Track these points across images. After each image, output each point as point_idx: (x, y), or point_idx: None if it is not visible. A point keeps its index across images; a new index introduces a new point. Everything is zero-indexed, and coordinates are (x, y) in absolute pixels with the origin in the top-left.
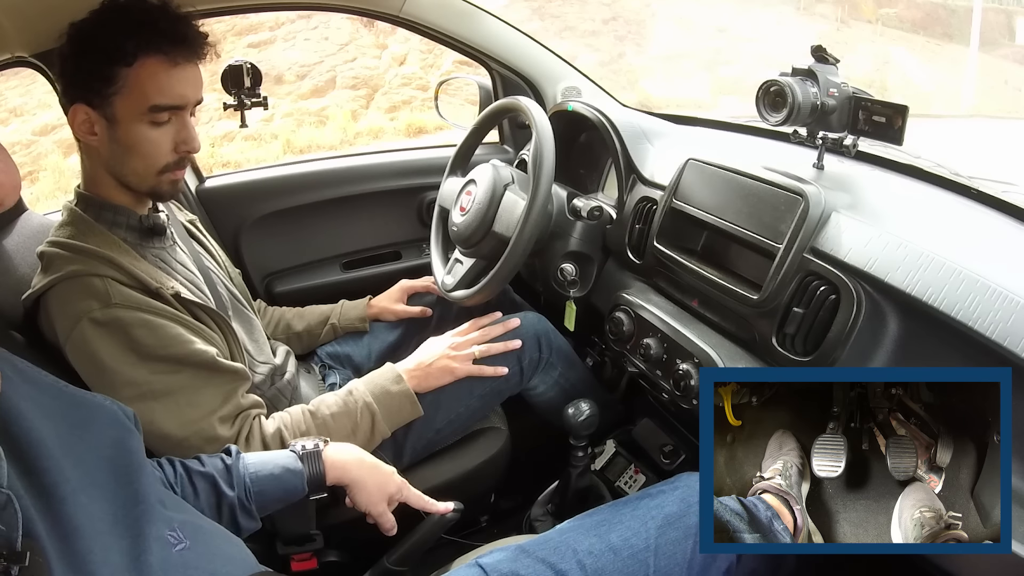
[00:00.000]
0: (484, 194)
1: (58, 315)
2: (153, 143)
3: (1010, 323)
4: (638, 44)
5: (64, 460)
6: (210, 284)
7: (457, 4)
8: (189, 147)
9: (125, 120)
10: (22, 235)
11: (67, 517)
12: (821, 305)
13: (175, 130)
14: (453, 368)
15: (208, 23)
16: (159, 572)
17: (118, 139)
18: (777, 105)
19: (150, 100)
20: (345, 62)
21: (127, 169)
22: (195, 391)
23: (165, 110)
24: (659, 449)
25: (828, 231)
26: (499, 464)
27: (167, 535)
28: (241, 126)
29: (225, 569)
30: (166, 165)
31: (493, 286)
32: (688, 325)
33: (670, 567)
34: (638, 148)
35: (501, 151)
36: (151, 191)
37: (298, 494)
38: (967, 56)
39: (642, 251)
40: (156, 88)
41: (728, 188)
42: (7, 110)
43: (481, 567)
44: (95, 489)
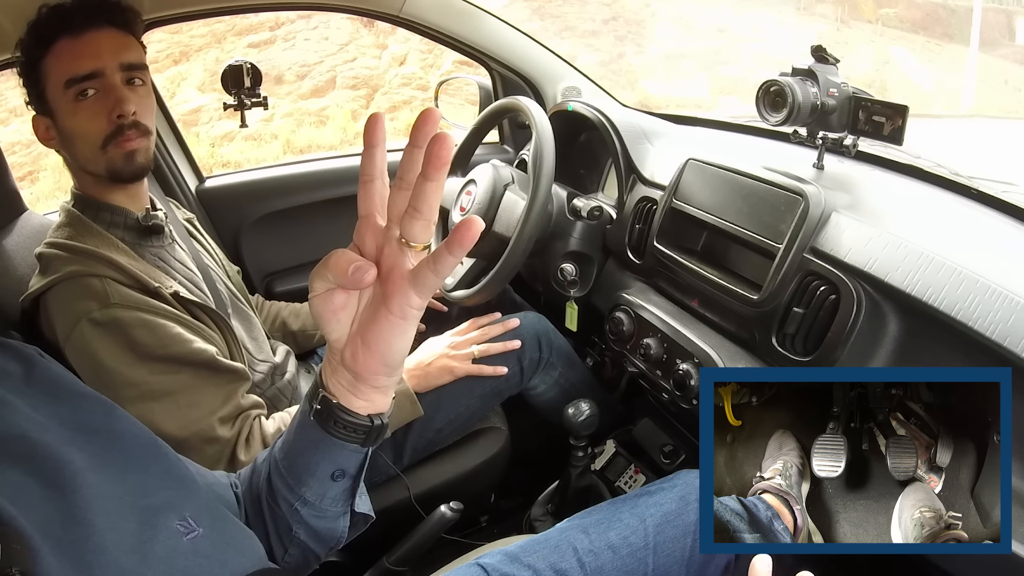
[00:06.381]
0: (484, 194)
1: (57, 316)
2: (85, 119)
3: (1010, 323)
4: (638, 44)
5: (69, 443)
6: (209, 283)
7: (457, 4)
8: (121, 111)
9: (58, 108)
10: (22, 235)
11: (69, 503)
12: (821, 305)
13: (103, 99)
14: (452, 368)
15: (208, 23)
16: (165, 560)
17: (62, 131)
18: (777, 105)
19: (64, 76)
20: (345, 62)
21: (80, 157)
22: (195, 391)
23: (82, 80)
24: (659, 449)
25: (828, 231)
26: (499, 464)
27: (176, 525)
28: (241, 126)
29: (237, 560)
30: (105, 137)
31: (493, 286)
32: (688, 325)
33: (669, 565)
34: (638, 148)
35: (501, 151)
36: (108, 171)
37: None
38: (967, 56)
39: (642, 251)
40: (67, 63)
41: (728, 188)
42: (7, 110)
43: (481, 567)
44: (103, 470)
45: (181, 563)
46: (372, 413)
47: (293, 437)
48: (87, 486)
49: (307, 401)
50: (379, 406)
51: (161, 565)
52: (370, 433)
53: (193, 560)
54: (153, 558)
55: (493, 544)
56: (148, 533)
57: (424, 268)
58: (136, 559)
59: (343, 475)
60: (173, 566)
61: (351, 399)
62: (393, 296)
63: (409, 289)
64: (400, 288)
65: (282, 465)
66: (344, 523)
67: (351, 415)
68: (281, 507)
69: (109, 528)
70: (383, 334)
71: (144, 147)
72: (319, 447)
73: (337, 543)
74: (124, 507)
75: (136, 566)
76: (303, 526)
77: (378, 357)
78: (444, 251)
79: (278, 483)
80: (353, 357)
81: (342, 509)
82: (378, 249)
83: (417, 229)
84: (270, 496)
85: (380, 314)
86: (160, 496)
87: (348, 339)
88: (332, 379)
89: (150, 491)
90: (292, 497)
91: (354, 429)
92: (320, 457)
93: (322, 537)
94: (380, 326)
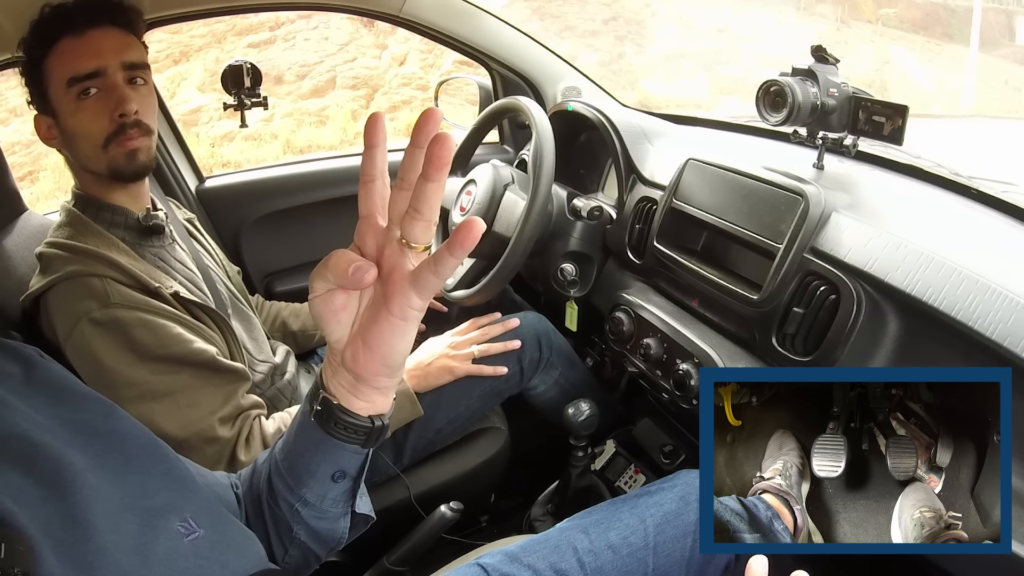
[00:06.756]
0: (484, 194)
1: (57, 316)
2: (87, 118)
3: (1010, 323)
4: (638, 44)
5: (69, 445)
6: (209, 283)
7: (457, 4)
8: (123, 110)
9: (60, 108)
10: (22, 235)
11: (70, 504)
12: (821, 305)
13: (105, 98)
14: (452, 367)
15: (208, 23)
16: (165, 562)
17: (64, 130)
18: (777, 105)
19: (66, 75)
20: (345, 62)
21: (81, 156)
22: (195, 391)
23: (84, 79)
24: (659, 449)
25: (828, 231)
26: (499, 464)
27: (177, 526)
28: (241, 126)
29: (238, 561)
30: (107, 136)
31: (493, 286)
32: (688, 325)
33: (669, 565)
34: (638, 148)
35: (501, 151)
36: (110, 170)
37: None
38: (967, 56)
39: (642, 251)
40: (69, 62)
41: (728, 188)
42: (7, 110)
43: (481, 567)
44: (104, 471)
45: (182, 564)
46: (373, 414)
47: (293, 438)
48: (88, 487)
49: (307, 402)
50: (380, 407)
51: (161, 566)
52: (371, 434)
53: (194, 561)
54: (154, 559)
55: (493, 544)
56: (149, 534)
57: (425, 269)
58: (137, 560)
59: (344, 476)
60: (174, 567)
61: (352, 400)
62: (394, 297)
63: (410, 290)
64: (401, 289)
65: (282, 466)
66: (345, 524)
67: (352, 416)
68: (282, 508)
69: (110, 529)
70: (384, 335)
71: (146, 146)
72: (320, 448)
73: (338, 544)
74: (125, 508)
75: (137, 567)
76: (303, 527)
77: (379, 358)
78: (445, 252)
79: (278, 484)
80: (354, 358)
81: (343, 510)
82: (379, 250)
83: (418, 230)
84: (270, 497)
85: (381, 315)
86: (161, 497)
87: (349, 340)
88: (332, 380)
89: (151, 492)
90: (293, 498)
91: (355, 430)
92: (321, 458)
93: (323, 538)
94: (381, 327)
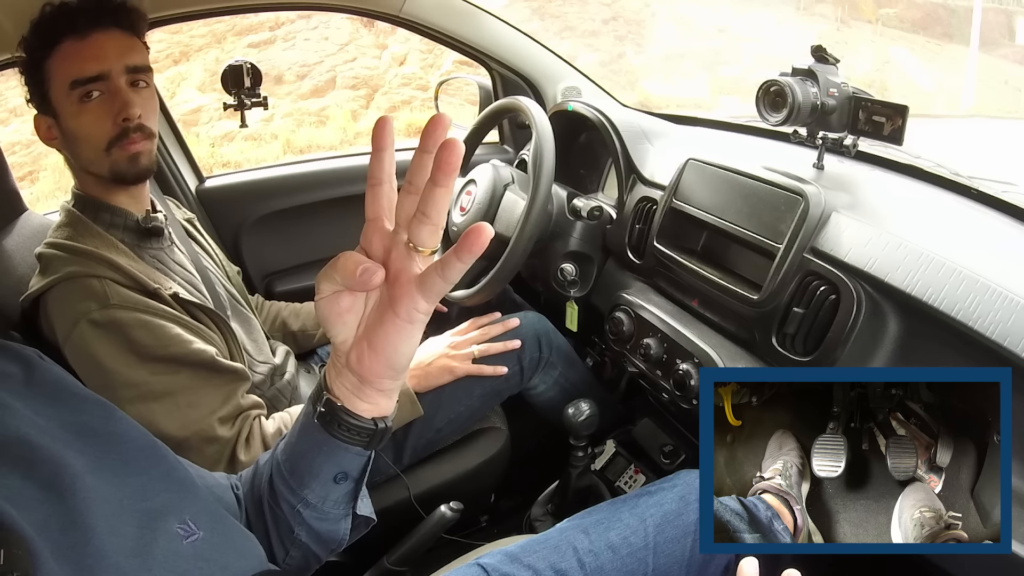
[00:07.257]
0: (484, 194)
1: (57, 316)
2: (89, 121)
3: (1010, 323)
4: (638, 44)
5: (69, 447)
6: (208, 284)
7: (457, 4)
8: (127, 114)
9: (62, 110)
10: (22, 235)
11: (69, 506)
12: (821, 305)
13: (108, 101)
14: (452, 367)
15: (208, 23)
16: (165, 564)
17: (65, 132)
18: (777, 105)
19: (69, 77)
20: (345, 62)
21: (83, 158)
22: (195, 391)
23: (87, 83)
24: (659, 449)
25: (828, 231)
26: (499, 464)
27: (177, 528)
28: (241, 126)
29: (238, 563)
30: (110, 140)
31: (493, 286)
32: (688, 325)
33: (669, 565)
34: (638, 148)
35: (501, 151)
36: (112, 173)
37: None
38: (967, 56)
39: (642, 251)
40: (72, 64)
41: (728, 188)
42: (7, 110)
43: (481, 567)
44: (103, 473)
45: (182, 566)
46: (376, 416)
47: (296, 439)
48: (87, 489)
49: (310, 403)
50: (383, 409)
51: (161, 568)
52: (374, 436)
53: (194, 563)
54: (153, 561)
55: (493, 544)
56: (148, 536)
57: (432, 273)
58: (136, 563)
59: (346, 478)
60: (174, 569)
61: (355, 402)
62: (400, 300)
63: (416, 293)
64: (407, 292)
65: (284, 467)
66: (346, 525)
67: (355, 418)
68: (283, 509)
69: (109, 531)
70: (389, 338)
71: (148, 150)
72: (322, 449)
73: (339, 545)
74: (124, 510)
75: (136, 570)
76: (305, 528)
77: (383, 360)
78: (453, 257)
79: (280, 485)
80: (359, 360)
81: (344, 512)
82: (385, 252)
83: (425, 234)
84: (272, 498)
85: (387, 318)
86: (160, 499)
87: (354, 342)
88: (336, 382)
89: (150, 494)
90: (294, 499)
91: (358, 432)
92: (323, 459)
93: (324, 539)
94: (386, 329)
